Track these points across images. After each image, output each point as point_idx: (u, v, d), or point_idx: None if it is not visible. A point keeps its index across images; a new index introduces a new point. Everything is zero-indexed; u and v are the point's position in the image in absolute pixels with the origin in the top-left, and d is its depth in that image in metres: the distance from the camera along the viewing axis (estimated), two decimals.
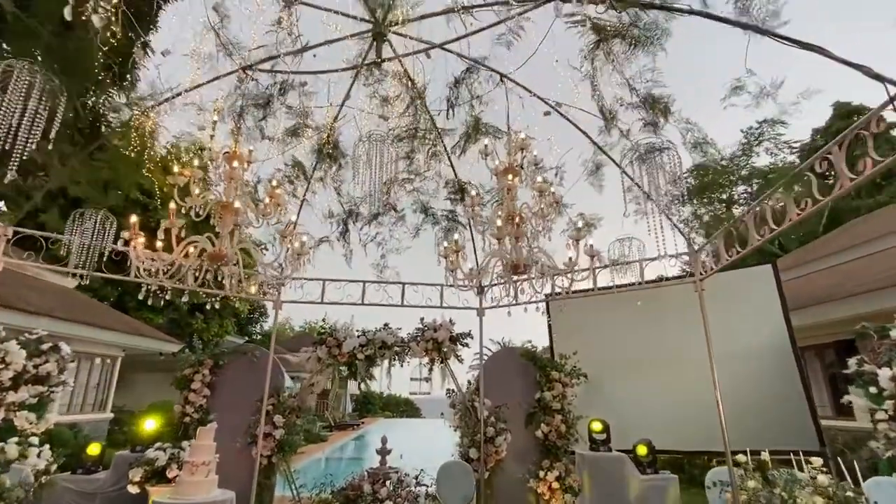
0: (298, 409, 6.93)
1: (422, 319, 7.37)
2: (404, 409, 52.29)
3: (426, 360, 7.33)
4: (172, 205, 3.07)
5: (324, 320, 7.00)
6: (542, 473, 6.88)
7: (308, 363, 7.08)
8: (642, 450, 7.17)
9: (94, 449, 6.63)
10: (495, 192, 5.12)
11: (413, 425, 34.01)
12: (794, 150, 23.15)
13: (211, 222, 3.57)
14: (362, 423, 29.15)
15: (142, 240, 3.39)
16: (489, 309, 5.90)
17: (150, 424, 6.78)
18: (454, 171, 5.73)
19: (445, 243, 3.53)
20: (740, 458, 8.66)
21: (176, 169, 3.19)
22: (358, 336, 7.13)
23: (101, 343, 11.29)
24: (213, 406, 6.96)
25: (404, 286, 6.01)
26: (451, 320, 7.36)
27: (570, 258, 3.55)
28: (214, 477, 5.25)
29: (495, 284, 5.98)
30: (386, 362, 7.34)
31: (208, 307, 19.45)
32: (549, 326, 9.37)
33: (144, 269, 3.46)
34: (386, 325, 7.42)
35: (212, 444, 5.39)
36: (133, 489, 6.00)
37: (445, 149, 5.45)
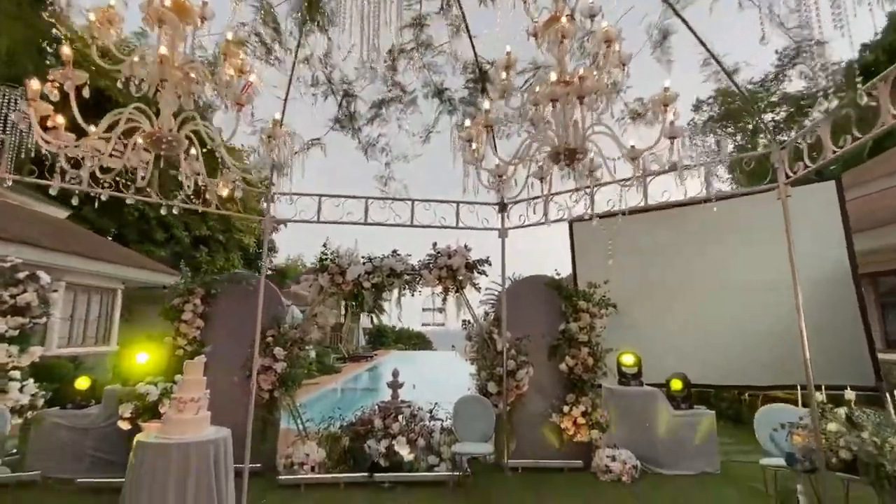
0: (301, 341, 6.33)
1: (434, 245, 6.56)
2: (416, 341, 53.47)
3: (439, 289, 6.61)
4: (67, 49, 2.14)
5: (324, 245, 6.21)
6: (566, 408, 6.35)
7: (310, 293, 6.39)
8: (677, 384, 6.57)
9: (82, 383, 6.15)
10: (528, 71, 4.06)
11: (425, 358, 34.58)
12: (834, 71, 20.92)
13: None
14: (375, 355, 29.59)
15: (61, 120, 2.49)
16: (513, 229, 5.07)
17: (141, 358, 6.25)
18: (473, 48, 4.60)
19: (468, 121, 2.58)
20: (778, 393, 8.17)
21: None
22: (363, 263, 6.38)
23: (97, 275, 10.77)
24: (209, 339, 6.38)
25: (414, 203, 5.15)
26: (466, 246, 6.55)
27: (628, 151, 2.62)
28: (206, 414, 4.70)
29: (520, 201, 5.09)
30: (395, 292, 6.63)
31: (213, 240, 18.94)
32: (573, 250, 8.52)
33: (68, 159, 2.59)
34: (394, 251, 6.64)
35: (201, 379, 4.81)
36: (124, 425, 5.55)
37: (463, 14, 4.30)
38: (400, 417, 6.19)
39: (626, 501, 5.26)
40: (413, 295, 6.47)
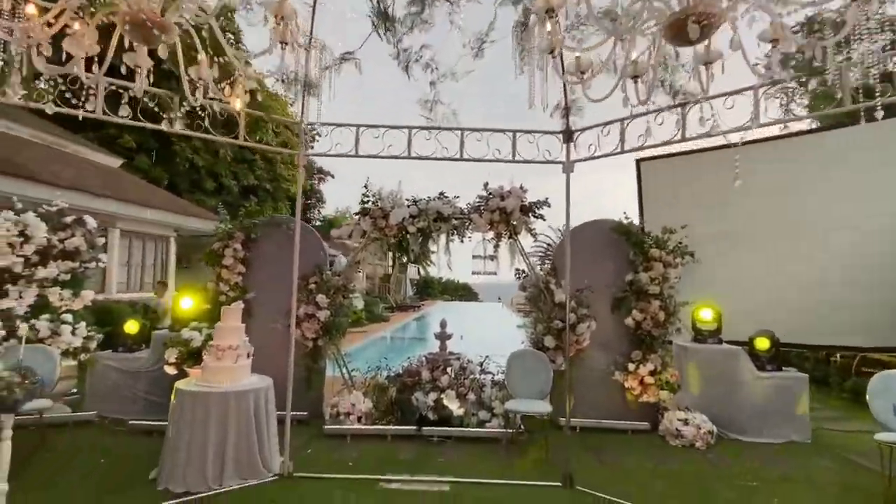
0: (345, 288, 5.97)
1: (485, 185, 5.89)
2: (462, 293, 53.85)
3: (491, 235, 5.99)
4: None
5: (365, 187, 5.69)
6: (631, 366, 5.74)
7: (352, 237, 5.96)
8: (763, 343, 5.76)
9: (131, 327, 6.14)
10: None
11: (471, 309, 34.62)
12: None
13: None
14: (422, 305, 29.86)
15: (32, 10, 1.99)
16: (582, 162, 4.31)
17: (185, 303, 6.13)
18: None
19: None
20: (881, 356, 7.15)
21: None
22: (408, 206, 5.83)
23: (149, 222, 10.92)
24: (251, 285, 6.15)
25: (464, 134, 4.46)
26: (521, 186, 5.83)
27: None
28: (245, 362, 4.46)
29: (590, 128, 4.28)
30: (443, 238, 6.09)
31: (261, 189, 19.05)
32: (640, 193, 7.60)
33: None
34: (441, 193, 6.03)
35: (239, 326, 4.54)
36: (170, 370, 5.47)
37: None
38: (449, 370, 5.81)
39: (701, 469, 4.68)
40: (462, 241, 5.90)
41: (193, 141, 16.22)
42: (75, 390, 6.24)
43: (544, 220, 5.82)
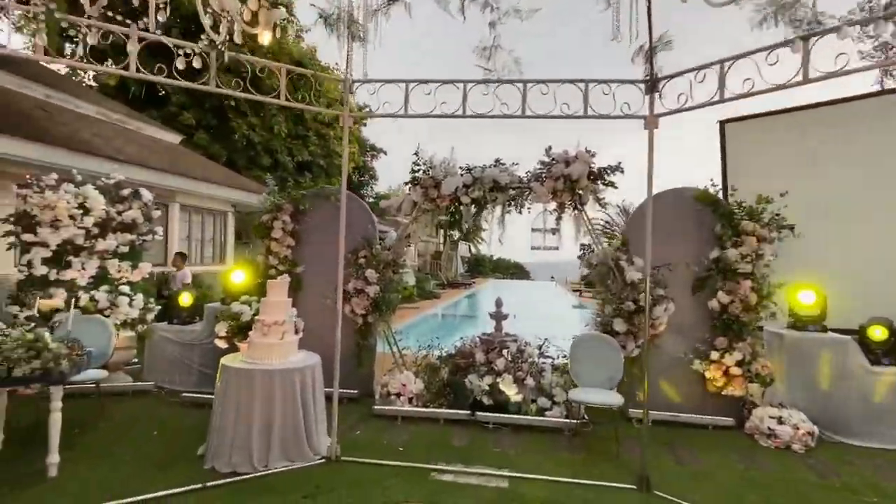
0: (395, 263, 5.64)
1: (548, 150, 5.29)
2: (513, 271, 53.02)
3: (553, 205, 5.42)
4: None
5: (416, 155, 5.26)
6: (715, 355, 5.05)
7: (401, 209, 5.59)
8: (879, 332, 4.88)
9: (185, 300, 6.14)
10: None
11: (523, 287, 33.93)
12: None
13: None
14: (474, 282, 29.54)
15: None
16: (668, 116, 3.63)
17: (237, 277, 6.04)
18: None
19: None
20: None
21: None
22: (461, 174, 5.36)
23: (208, 197, 11.12)
24: (300, 258, 5.96)
25: (526, 87, 3.88)
26: (588, 150, 5.18)
27: None
28: (292, 339, 4.23)
29: (678, 74, 3.57)
30: (498, 209, 5.58)
31: (315, 165, 19.18)
32: (723, 156, 6.66)
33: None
34: (497, 161, 5.50)
35: (285, 301, 4.31)
36: (220, 343, 5.41)
37: None
38: (505, 352, 5.38)
39: (802, 477, 4.01)
40: (520, 212, 5.37)
41: (249, 117, 16.46)
42: (136, 360, 6.38)
43: (616, 187, 5.15)
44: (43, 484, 3.41)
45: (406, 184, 5.47)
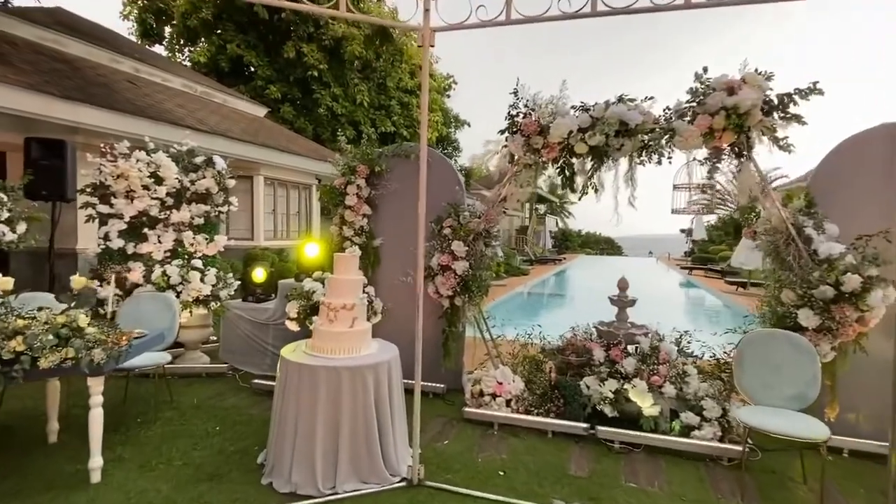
0: (487, 233, 4.58)
1: (700, 74, 3.85)
2: (603, 246, 49.65)
3: (703, 151, 3.98)
4: None
5: (514, 93, 4.11)
6: None
7: (495, 166, 4.48)
8: None
9: (257, 276, 5.61)
10: None
11: (619, 264, 31.35)
12: None
13: None
14: (563, 258, 27.72)
15: None
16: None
17: (311, 250, 5.37)
18: None
19: None
20: None
21: None
22: (575, 114, 4.10)
23: (291, 170, 10.82)
24: (378, 229, 5.13)
25: None
26: (759, 71, 3.66)
27: None
28: (364, 327, 3.38)
29: None
30: (624, 161, 4.25)
31: (398, 136, 18.57)
32: None
33: None
34: (621, 97, 4.14)
35: (356, 280, 3.46)
36: (291, 326, 4.76)
37: None
38: (631, 348, 4.15)
39: None
40: (660, 162, 4.00)
41: (333, 88, 16.11)
42: (215, 338, 6.05)
43: (805, 123, 3.59)
44: (81, 492, 2.90)
45: (501, 132, 4.33)
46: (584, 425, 3.85)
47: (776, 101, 3.61)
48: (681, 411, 3.86)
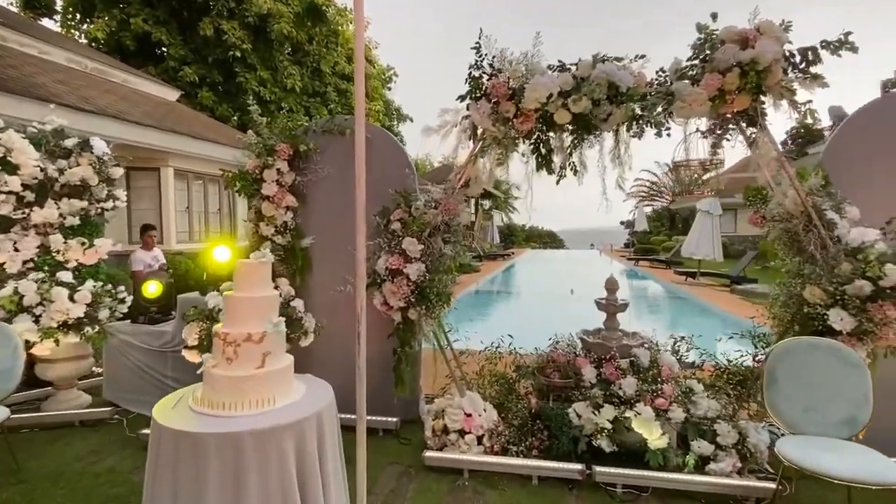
0: (447, 226, 3.66)
1: (703, 24, 3.13)
2: (547, 240, 50.35)
3: (707, 120, 3.29)
4: None
5: (477, 47, 3.20)
6: None
7: (449, 138, 3.56)
8: None
9: (150, 290, 4.38)
10: None
11: (564, 257, 31.60)
12: None
13: None
14: (512, 253, 27.40)
15: None
16: None
17: (221, 253, 4.21)
18: None
19: None
20: None
21: None
22: (554, 72, 3.27)
23: (208, 160, 9.34)
24: (309, 227, 4.08)
25: None
26: (784, 23, 2.99)
27: None
28: (282, 364, 2.36)
29: None
30: (610, 136, 3.49)
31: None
32: None
33: None
34: (602, 57, 3.34)
35: (267, 299, 2.42)
36: (191, 357, 3.61)
37: None
38: (625, 364, 3.40)
39: None
40: (660, 134, 3.25)
41: (259, 71, 14.50)
42: (99, 369, 4.73)
43: (827, 85, 2.95)
44: None
45: (459, 99, 3.42)
46: (579, 466, 3.05)
47: (799, 57, 2.94)
48: (691, 438, 3.14)
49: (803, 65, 2.94)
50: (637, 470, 3.00)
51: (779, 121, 3.40)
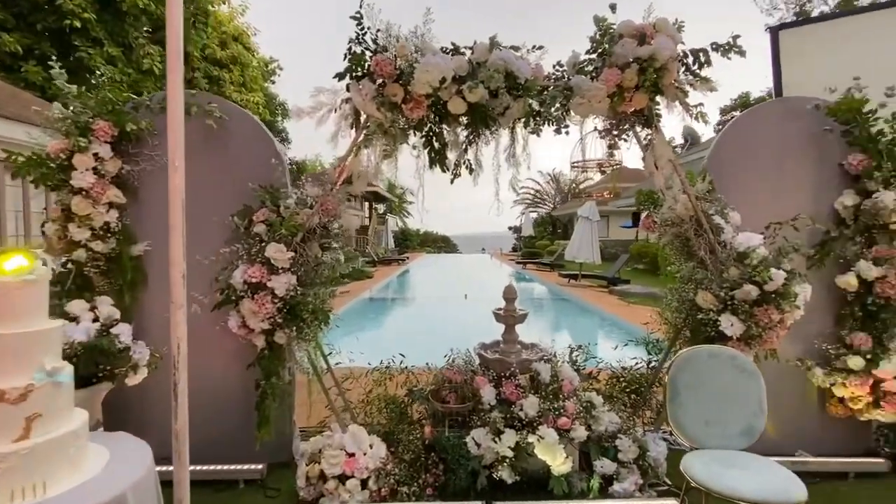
0: (325, 230, 3.06)
1: (600, 17, 2.96)
2: (441, 244, 51.10)
3: (603, 120, 3.14)
4: None
5: (358, 16, 2.67)
6: (855, 361, 3.16)
7: (327, 124, 2.98)
8: None
9: None
10: None
11: (458, 261, 32.09)
12: None
13: None
14: (407, 258, 27.03)
15: None
16: None
17: (14, 265, 3.12)
18: None
19: None
20: None
21: None
22: (448, 53, 2.87)
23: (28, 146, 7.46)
24: (143, 229, 3.20)
25: None
26: (677, 22, 2.91)
27: None
28: (65, 429, 1.61)
29: None
30: (506, 133, 3.20)
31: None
32: (776, 67, 4.91)
33: None
34: (491, 42, 3.03)
35: (31, 336, 1.64)
36: None
37: None
38: (536, 380, 3.11)
39: None
40: (559, 131, 3.00)
41: (107, 47, 12.26)
42: None
43: (715, 89, 2.94)
44: None
45: (336, 76, 2.85)
46: None
47: (691, 58, 2.88)
48: (594, 457, 2.93)
49: (696, 66, 2.89)
50: (541, 501, 2.69)
51: (672, 123, 3.42)
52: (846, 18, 5.16)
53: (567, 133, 3.07)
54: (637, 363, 3.70)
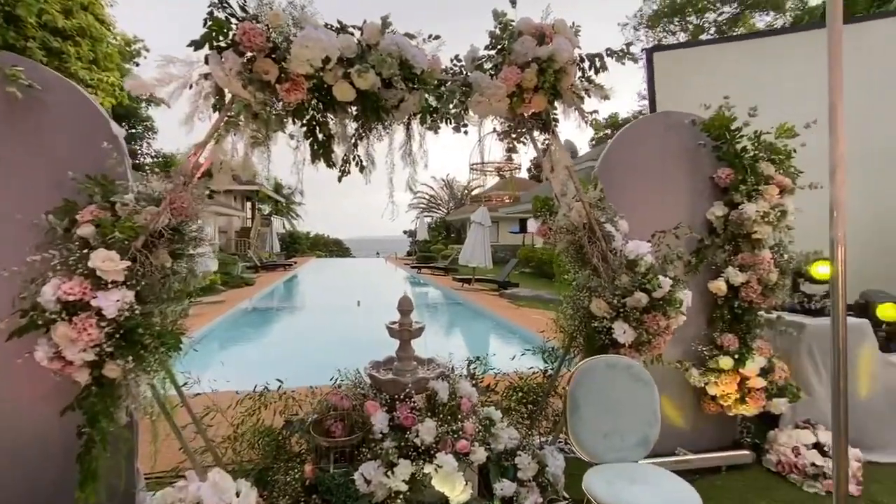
0: (177, 234, 2.47)
1: (500, 11, 2.80)
2: (333, 248, 49.30)
3: (501, 122, 2.99)
4: None
5: None
6: (725, 361, 3.40)
7: (180, 103, 2.42)
8: (889, 311, 3.85)
9: None
10: None
11: (351, 265, 31.05)
12: None
13: None
14: (294, 262, 25.40)
15: None
16: None
17: None
18: None
19: None
20: None
21: None
22: (335, 31, 2.49)
23: None
24: None
25: None
26: (574, 26, 2.85)
27: None
28: None
29: None
30: (401, 129, 2.91)
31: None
32: (651, 90, 5.36)
33: None
34: (384, 24, 2.74)
35: None
36: None
37: None
38: (422, 400, 2.83)
39: None
40: (458, 130, 2.77)
41: None
42: None
43: (608, 98, 2.94)
44: None
45: (195, 46, 2.31)
46: None
47: (587, 63, 2.84)
48: (493, 479, 2.74)
49: (592, 71, 2.85)
50: None
51: (568, 129, 3.41)
52: (715, 46, 5.76)
53: (466, 133, 2.87)
54: (533, 371, 3.63)
